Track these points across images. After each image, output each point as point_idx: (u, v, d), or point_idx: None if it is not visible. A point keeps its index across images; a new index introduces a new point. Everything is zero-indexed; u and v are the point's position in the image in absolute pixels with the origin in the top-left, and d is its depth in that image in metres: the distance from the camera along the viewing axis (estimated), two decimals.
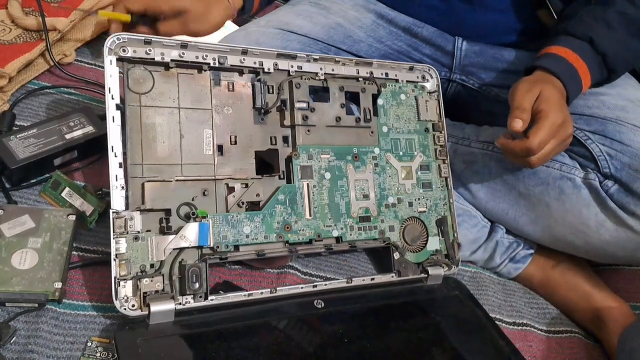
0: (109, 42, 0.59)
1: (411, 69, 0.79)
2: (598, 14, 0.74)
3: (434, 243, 0.76)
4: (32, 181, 0.71)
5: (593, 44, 0.72)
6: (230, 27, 0.99)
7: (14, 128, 0.75)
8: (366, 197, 0.72)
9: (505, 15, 0.84)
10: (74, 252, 0.66)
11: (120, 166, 0.59)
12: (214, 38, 0.93)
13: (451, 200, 0.77)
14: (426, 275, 0.73)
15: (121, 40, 0.60)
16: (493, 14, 0.84)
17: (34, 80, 0.82)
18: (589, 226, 0.73)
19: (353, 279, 0.70)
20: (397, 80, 0.78)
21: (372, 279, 0.71)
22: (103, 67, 0.59)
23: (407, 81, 0.79)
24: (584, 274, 0.81)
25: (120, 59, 0.60)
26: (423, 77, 0.80)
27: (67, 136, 0.73)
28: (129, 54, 0.60)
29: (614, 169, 0.72)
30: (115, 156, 0.58)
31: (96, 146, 0.74)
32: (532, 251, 0.82)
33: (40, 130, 0.72)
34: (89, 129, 0.74)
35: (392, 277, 0.72)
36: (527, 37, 0.84)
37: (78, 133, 0.73)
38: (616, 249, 0.74)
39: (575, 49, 0.72)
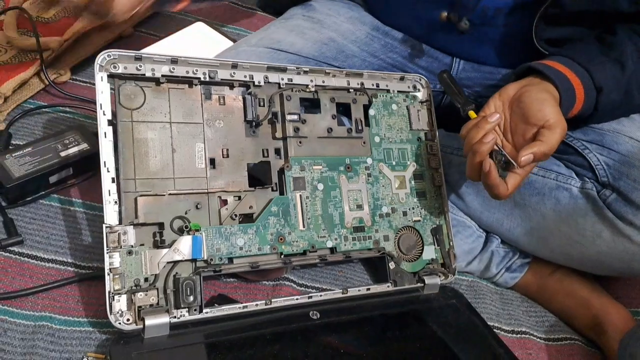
0: (99, 59, 0.60)
1: (402, 79, 0.80)
2: (605, 51, 0.72)
3: (430, 252, 0.76)
4: (28, 199, 0.72)
5: (592, 75, 0.69)
6: (223, 42, 1.01)
7: (10, 147, 0.75)
8: (360, 207, 0.72)
9: (501, 49, 0.83)
10: (69, 268, 0.66)
11: (113, 181, 0.59)
12: (208, 54, 0.94)
13: (446, 209, 0.77)
14: (422, 285, 0.73)
15: (112, 57, 0.61)
16: (489, 47, 0.83)
17: (29, 100, 0.83)
18: (585, 237, 0.73)
19: (349, 289, 0.69)
20: (388, 91, 0.78)
21: (368, 289, 0.71)
22: None
23: (398, 91, 0.79)
24: (582, 280, 0.81)
25: (111, 76, 0.61)
26: (414, 87, 0.80)
27: (63, 154, 0.73)
28: (120, 70, 0.61)
29: (612, 178, 0.72)
30: (108, 171, 0.59)
31: (91, 162, 0.75)
32: (528, 260, 0.82)
33: (35, 149, 0.73)
34: (84, 146, 0.75)
35: (388, 287, 0.72)
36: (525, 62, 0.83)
37: (73, 150, 0.74)
38: (612, 260, 0.73)
39: (575, 70, 0.70)
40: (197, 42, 0.99)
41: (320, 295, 0.67)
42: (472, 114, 0.72)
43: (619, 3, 0.73)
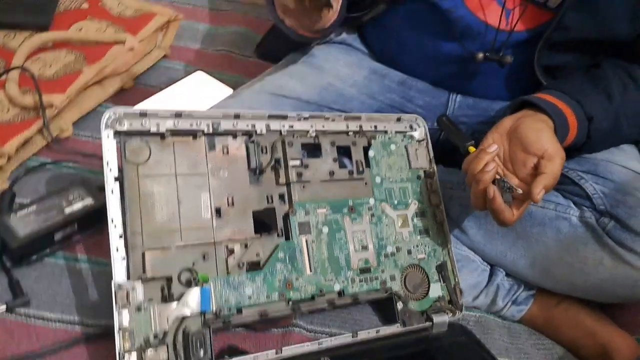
0: (105, 117, 0.61)
1: (399, 119, 0.81)
2: (593, 83, 0.75)
3: (436, 289, 0.76)
4: (33, 258, 0.72)
5: (582, 105, 0.73)
6: (222, 90, 1.03)
7: (14, 206, 0.76)
8: (365, 248, 0.73)
9: (502, 80, 0.86)
10: (77, 327, 0.66)
11: (121, 237, 0.60)
12: (209, 102, 0.96)
13: (449, 245, 0.78)
14: (431, 323, 0.73)
15: (117, 115, 0.62)
16: (491, 80, 0.86)
17: (32, 157, 0.84)
18: (587, 265, 0.74)
19: (358, 332, 0.69)
20: (386, 132, 0.80)
21: (378, 331, 0.70)
22: (100, 139, 0.61)
23: (396, 131, 0.81)
24: (587, 310, 0.81)
25: (117, 133, 0.62)
26: (411, 127, 0.82)
27: (67, 210, 0.74)
28: (125, 127, 0.62)
29: (609, 206, 0.73)
30: (115, 227, 0.59)
31: (95, 217, 0.75)
32: (533, 292, 0.82)
33: (39, 207, 0.73)
34: (88, 201, 0.75)
35: (397, 327, 0.72)
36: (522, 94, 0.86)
37: (77, 206, 0.75)
38: (615, 287, 0.74)
39: (566, 101, 0.73)
40: (197, 91, 1.02)
41: (331, 341, 0.67)
42: (471, 149, 0.74)
43: (619, 29, 0.77)
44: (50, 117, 0.85)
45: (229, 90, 1.01)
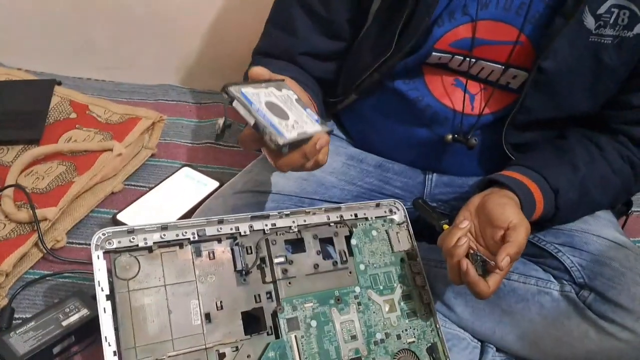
0: (95, 238, 0.65)
1: (378, 205, 0.85)
2: (559, 155, 0.80)
3: None
4: None
5: (546, 179, 0.76)
6: (209, 183, 1.07)
7: (14, 322, 0.78)
8: (354, 337, 0.75)
9: (475, 158, 0.90)
10: None
11: (115, 354, 0.62)
12: (197, 197, 1.00)
13: (438, 326, 0.80)
14: None
15: (106, 235, 0.65)
16: (464, 158, 0.90)
17: (29, 270, 0.86)
18: (573, 337, 0.75)
19: None
20: (366, 219, 0.83)
21: None
22: None
23: (376, 217, 0.84)
24: None
25: (107, 252, 0.65)
26: (390, 211, 0.86)
27: (64, 323, 0.76)
28: (114, 245, 0.66)
29: (587, 279, 0.75)
30: (109, 345, 0.62)
31: (92, 327, 0.77)
32: None
33: (38, 322, 0.76)
34: (84, 312, 0.78)
35: None
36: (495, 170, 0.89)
37: (74, 318, 0.77)
38: (602, 358, 0.75)
39: (530, 176, 0.76)
40: (185, 187, 1.06)
41: None
42: (445, 226, 0.78)
43: (580, 107, 0.81)
44: (44, 230, 0.88)
45: (215, 184, 1.05)
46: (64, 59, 1.36)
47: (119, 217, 0.96)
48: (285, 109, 0.67)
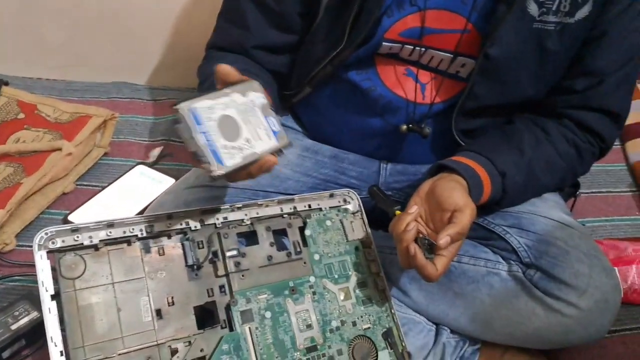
0: (37, 238, 0.63)
1: (332, 195, 0.85)
2: (506, 140, 0.81)
3: (385, 357, 0.78)
4: None
5: (494, 162, 0.78)
6: (164, 181, 1.06)
7: None
8: (309, 327, 0.75)
9: (427, 146, 0.91)
10: None
11: (62, 354, 0.61)
12: (152, 195, 0.98)
13: (393, 311, 0.81)
14: None
15: (49, 234, 0.64)
16: (417, 147, 0.91)
17: None
18: (522, 316, 0.77)
19: None
20: (320, 209, 0.83)
21: None
22: None
23: (330, 207, 0.84)
24: (531, 357, 0.84)
25: (50, 251, 0.64)
26: (344, 200, 0.86)
27: (13, 327, 0.75)
28: (58, 244, 0.64)
29: (533, 258, 0.77)
30: (56, 346, 0.61)
31: (44, 329, 0.75)
32: (478, 346, 0.85)
33: None
34: (34, 314, 0.76)
35: None
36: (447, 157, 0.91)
37: (24, 321, 0.76)
38: (550, 334, 0.77)
39: (478, 160, 0.78)
40: (139, 185, 1.04)
41: None
42: (397, 212, 0.79)
43: (525, 92, 0.83)
44: None
45: (170, 181, 1.04)
46: (12, 59, 1.32)
47: (71, 217, 0.94)
48: (241, 123, 0.65)
